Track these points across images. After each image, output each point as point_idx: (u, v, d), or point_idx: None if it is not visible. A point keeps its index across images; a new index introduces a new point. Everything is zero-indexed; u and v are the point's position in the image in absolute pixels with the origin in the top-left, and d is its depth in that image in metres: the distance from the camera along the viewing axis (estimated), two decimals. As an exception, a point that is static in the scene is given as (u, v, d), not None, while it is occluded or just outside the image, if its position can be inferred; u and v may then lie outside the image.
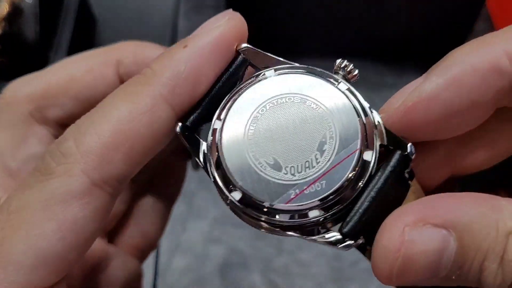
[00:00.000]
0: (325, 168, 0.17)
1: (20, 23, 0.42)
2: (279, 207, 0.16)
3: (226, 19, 0.18)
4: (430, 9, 0.45)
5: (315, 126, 0.17)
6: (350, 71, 0.19)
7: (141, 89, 0.17)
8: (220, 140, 0.17)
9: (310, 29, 0.47)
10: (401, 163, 0.17)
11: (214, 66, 0.17)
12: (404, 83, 0.20)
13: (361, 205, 0.17)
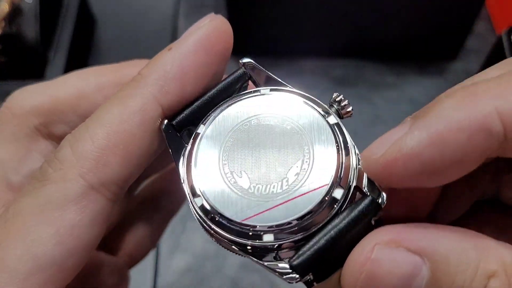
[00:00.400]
0: (291, 195, 0.16)
1: (20, 23, 0.42)
2: (234, 222, 0.16)
3: (208, 21, 0.18)
4: (430, 9, 0.45)
5: (293, 152, 0.17)
6: (344, 107, 0.19)
7: (131, 92, 0.17)
8: (198, 145, 0.17)
9: (310, 29, 0.47)
10: (370, 210, 0.16)
11: (200, 65, 0.17)
12: (404, 83, 0.20)
13: (318, 242, 0.16)
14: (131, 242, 0.25)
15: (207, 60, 0.18)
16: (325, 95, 0.49)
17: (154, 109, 0.17)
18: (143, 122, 0.17)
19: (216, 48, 0.18)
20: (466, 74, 0.49)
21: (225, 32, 0.18)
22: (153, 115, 0.17)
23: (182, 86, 0.17)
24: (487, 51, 0.38)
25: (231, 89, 0.18)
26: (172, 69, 0.17)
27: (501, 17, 0.52)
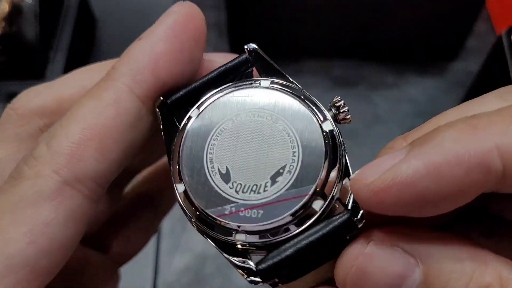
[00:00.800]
0: (269, 199, 0.16)
1: (20, 23, 0.42)
2: (210, 216, 0.16)
3: (176, 8, 0.18)
4: (430, 9, 0.45)
5: (280, 155, 0.16)
6: (342, 113, 0.18)
7: (105, 85, 0.17)
8: (189, 129, 0.17)
9: (310, 29, 0.47)
10: (345, 228, 0.16)
11: (171, 51, 0.17)
12: (404, 82, 0.20)
13: (287, 250, 0.16)
14: (121, 240, 0.24)
15: (178, 46, 0.17)
16: (325, 95, 0.50)
17: (129, 100, 0.17)
18: (118, 114, 0.16)
19: (186, 34, 0.18)
20: (466, 74, 0.49)
21: (195, 17, 0.18)
22: (128, 106, 0.17)
23: (155, 73, 0.17)
24: (487, 51, 0.38)
25: (232, 74, 0.18)
26: (143, 58, 0.17)
27: (501, 17, 0.52)
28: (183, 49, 0.17)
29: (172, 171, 0.17)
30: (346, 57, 0.49)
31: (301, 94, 0.17)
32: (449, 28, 0.47)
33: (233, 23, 0.47)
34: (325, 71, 0.49)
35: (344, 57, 0.49)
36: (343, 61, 0.49)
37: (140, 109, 0.17)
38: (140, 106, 0.17)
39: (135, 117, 0.17)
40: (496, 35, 0.51)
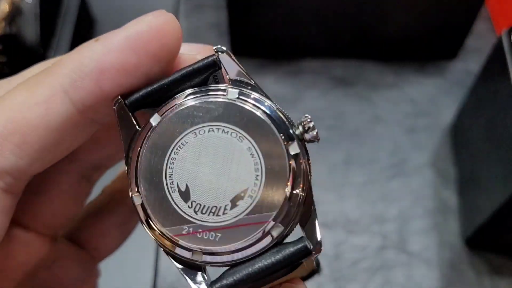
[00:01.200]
0: (228, 223, 0.15)
1: (20, 24, 0.42)
2: (165, 235, 0.16)
3: (148, 17, 0.16)
4: (429, 9, 0.45)
5: (242, 176, 0.15)
6: (309, 132, 0.17)
7: (42, 79, 0.16)
8: (149, 138, 0.16)
9: (309, 28, 0.47)
10: (301, 254, 0.16)
11: (123, 64, 0.16)
12: (404, 82, 0.20)
13: (241, 271, 0.16)
14: (96, 235, 0.24)
15: (132, 61, 0.16)
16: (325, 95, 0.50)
17: (61, 103, 0.16)
18: (47, 114, 0.16)
19: (146, 49, 0.16)
20: (466, 74, 0.49)
21: (166, 33, 0.16)
22: (59, 108, 0.16)
23: (97, 83, 0.16)
24: (487, 51, 0.38)
25: (198, 77, 0.17)
26: (89, 63, 0.16)
27: (501, 17, 0.52)
28: (138, 65, 0.16)
29: (129, 179, 0.16)
30: (346, 57, 0.49)
31: (269, 109, 0.16)
32: (449, 28, 0.47)
33: (233, 23, 0.47)
34: (325, 71, 0.49)
35: (344, 57, 0.49)
36: (343, 61, 0.49)
37: (72, 115, 0.16)
38: (72, 112, 0.16)
39: (65, 121, 0.16)
40: (496, 35, 0.51)
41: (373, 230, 0.40)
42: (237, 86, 0.17)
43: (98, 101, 0.16)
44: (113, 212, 0.24)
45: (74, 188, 0.22)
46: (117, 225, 0.24)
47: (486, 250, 0.39)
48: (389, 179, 0.43)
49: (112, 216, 0.24)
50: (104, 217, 0.24)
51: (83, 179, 0.22)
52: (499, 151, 0.34)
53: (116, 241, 0.25)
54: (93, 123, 0.17)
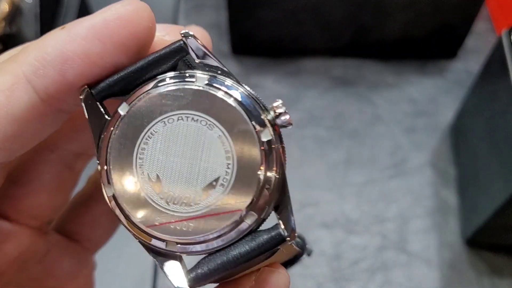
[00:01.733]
0: (201, 213, 0.15)
1: (20, 23, 0.42)
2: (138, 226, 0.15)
3: (117, 6, 0.16)
4: (429, 9, 0.45)
5: (214, 165, 0.15)
6: (282, 117, 0.16)
7: (5, 66, 0.16)
8: (117, 128, 0.15)
9: (309, 28, 0.47)
10: (277, 242, 0.16)
11: (88, 53, 0.15)
12: (404, 82, 0.20)
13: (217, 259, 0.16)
14: (86, 224, 0.24)
15: (97, 50, 0.15)
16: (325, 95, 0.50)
17: (25, 91, 0.15)
18: (9, 103, 0.15)
19: (114, 38, 0.15)
20: (466, 74, 0.49)
21: (134, 22, 0.16)
22: (22, 97, 0.15)
23: (61, 72, 0.15)
24: (487, 51, 0.38)
25: (166, 63, 0.16)
26: (52, 51, 0.15)
27: (501, 17, 0.52)
28: (103, 55, 0.15)
29: (99, 171, 0.16)
30: (346, 56, 0.49)
31: (239, 95, 0.16)
32: (449, 28, 0.47)
33: (233, 23, 0.47)
34: (324, 71, 0.49)
35: (344, 56, 0.49)
36: (342, 61, 0.49)
37: (35, 104, 0.16)
38: (36, 100, 0.16)
39: (29, 110, 0.16)
40: (496, 35, 0.51)
41: (373, 230, 0.40)
42: (206, 71, 0.16)
43: (62, 90, 0.16)
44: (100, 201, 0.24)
45: (58, 177, 0.22)
46: (106, 213, 0.24)
47: (486, 250, 0.39)
48: (389, 179, 0.43)
49: (100, 204, 0.24)
50: (91, 206, 0.24)
51: (66, 168, 0.22)
52: (499, 151, 0.34)
53: (107, 230, 0.25)
54: (60, 112, 0.17)
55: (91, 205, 0.24)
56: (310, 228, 0.40)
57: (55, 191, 0.22)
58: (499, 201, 0.33)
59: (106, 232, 0.25)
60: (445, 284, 0.38)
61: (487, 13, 0.53)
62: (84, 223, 0.24)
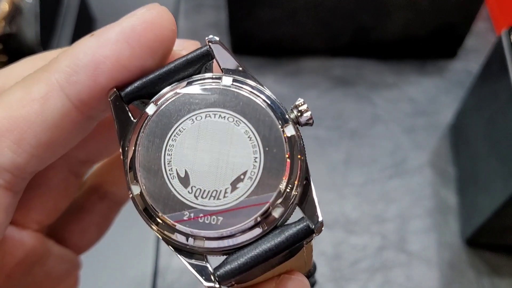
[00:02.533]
0: (229, 206, 0.15)
1: (20, 23, 0.42)
2: (167, 222, 0.16)
3: (142, 11, 0.16)
4: (429, 9, 0.45)
5: (241, 160, 0.16)
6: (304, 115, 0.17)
7: (39, 76, 0.16)
8: (146, 127, 0.16)
9: (309, 28, 0.47)
10: (304, 234, 0.16)
11: (118, 56, 0.16)
12: (404, 82, 0.20)
13: (245, 255, 0.16)
14: (76, 231, 0.24)
15: (127, 54, 0.16)
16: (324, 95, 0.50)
17: (59, 98, 0.16)
18: (44, 111, 0.16)
19: (141, 42, 0.16)
20: (466, 74, 0.49)
21: (159, 25, 0.16)
22: (56, 104, 0.16)
23: (93, 78, 0.16)
24: (487, 51, 0.38)
25: (191, 67, 0.17)
26: (84, 57, 0.16)
27: (501, 16, 0.52)
28: (132, 58, 0.16)
29: (126, 171, 0.16)
30: (346, 56, 0.49)
31: (263, 94, 0.16)
32: (448, 28, 0.47)
33: (233, 23, 0.47)
34: (324, 71, 0.49)
35: (344, 56, 0.49)
36: (342, 61, 0.49)
37: (69, 111, 0.16)
38: (69, 107, 0.16)
39: (62, 118, 0.16)
40: (495, 35, 0.51)
41: (372, 230, 0.40)
42: (230, 74, 0.17)
43: (94, 95, 0.16)
44: (92, 210, 0.24)
45: (63, 183, 0.22)
46: (96, 224, 0.24)
47: (485, 250, 0.39)
48: (389, 179, 0.43)
49: (90, 215, 0.24)
50: (82, 216, 0.24)
51: (71, 174, 0.22)
52: (498, 151, 0.34)
53: (94, 237, 0.25)
54: (90, 119, 0.17)
55: (82, 214, 0.24)
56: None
57: (60, 196, 0.22)
58: (498, 201, 0.33)
59: (94, 239, 0.25)
60: (445, 284, 0.38)
61: (486, 13, 0.53)
62: (73, 231, 0.24)
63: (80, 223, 0.24)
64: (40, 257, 0.22)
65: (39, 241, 0.22)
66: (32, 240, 0.21)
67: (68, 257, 0.24)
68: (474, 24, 0.46)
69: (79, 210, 0.24)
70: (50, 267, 0.23)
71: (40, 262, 0.22)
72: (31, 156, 0.16)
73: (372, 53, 0.49)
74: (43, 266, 0.22)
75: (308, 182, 0.16)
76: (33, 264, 0.22)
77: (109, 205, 0.25)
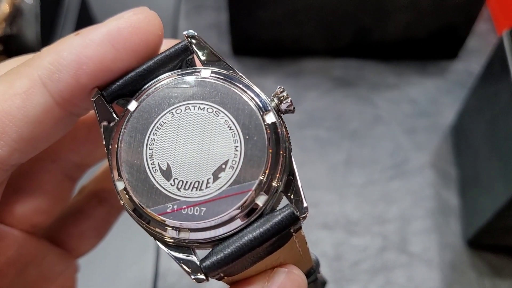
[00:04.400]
0: (212, 196, 0.15)
1: (20, 24, 0.42)
2: (150, 215, 0.16)
3: (129, 14, 0.17)
4: (430, 9, 0.45)
5: (222, 149, 0.16)
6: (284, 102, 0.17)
7: (21, 70, 0.16)
8: (127, 122, 0.16)
9: (310, 29, 0.47)
10: (289, 221, 0.16)
11: (102, 58, 0.16)
12: (405, 83, 0.20)
13: (231, 245, 0.16)
14: (74, 236, 0.24)
15: (111, 56, 0.16)
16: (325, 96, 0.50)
17: (41, 94, 0.16)
18: (26, 106, 0.16)
19: (126, 44, 0.16)
20: (467, 74, 0.49)
21: (145, 30, 0.17)
22: (38, 100, 0.16)
23: (75, 77, 0.16)
24: (488, 52, 0.38)
25: (171, 63, 0.17)
26: (68, 56, 0.16)
27: (502, 17, 0.52)
28: (116, 60, 0.16)
29: (111, 168, 0.16)
30: (346, 57, 0.49)
31: (242, 84, 0.17)
32: (450, 29, 0.47)
33: (233, 24, 0.47)
34: (325, 71, 0.49)
35: (345, 57, 0.49)
36: (343, 62, 0.49)
37: (50, 107, 0.16)
38: (51, 103, 0.16)
39: (44, 113, 0.16)
40: (497, 36, 0.51)
41: (373, 231, 0.40)
42: (209, 67, 0.17)
43: (75, 93, 0.16)
44: (92, 214, 0.24)
45: (57, 186, 0.22)
46: (94, 228, 0.25)
47: (487, 251, 0.39)
48: (390, 179, 0.43)
49: (89, 219, 0.24)
50: (81, 219, 0.24)
51: (66, 177, 0.22)
52: (500, 152, 0.34)
53: (93, 241, 0.25)
54: (71, 116, 0.18)
55: (81, 218, 0.24)
56: (311, 229, 0.40)
57: (54, 199, 0.22)
58: (500, 202, 0.33)
59: (92, 243, 0.25)
60: (446, 285, 0.38)
61: (488, 14, 0.52)
62: (71, 235, 0.24)
63: (79, 226, 0.24)
64: (34, 258, 0.22)
65: (33, 242, 0.22)
66: (25, 241, 0.21)
67: (64, 259, 0.24)
68: (475, 25, 0.46)
69: (78, 213, 0.24)
70: (45, 268, 0.23)
71: (34, 263, 0.22)
72: (13, 149, 0.16)
73: (373, 54, 0.49)
74: (38, 267, 0.22)
75: (291, 168, 0.16)
76: (27, 264, 0.22)
77: (109, 209, 0.25)
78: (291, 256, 0.17)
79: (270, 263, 0.17)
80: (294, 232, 0.16)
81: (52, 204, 0.22)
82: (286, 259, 0.17)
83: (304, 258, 0.19)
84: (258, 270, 0.17)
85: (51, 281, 0.23)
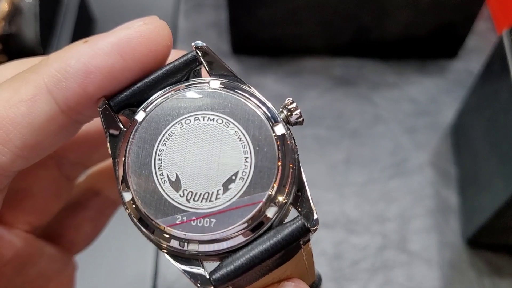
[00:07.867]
0: (222, 207, 0.15)
1: (20, 23, 0.42)
2: (160, 227, 0.15)
3: (138, 24, 0.16)
4: (430, 8, 0.45)
5: (232, 160, 0.15)
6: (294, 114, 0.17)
7: (28, 76, 0.16)
8: (135, 133, 0.16)
9: (310, 28, 0.47)
10: (299, 233, 0.16)
11: (110, 68, 0.16)
12: (405, 82, 0.19)
13: (240, 258, 0.15)
14: (70, 229, 0.24)
15: (119, 66, 0.16)
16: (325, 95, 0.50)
17: (46, 102, 0.16)
18: (31, 113, 0.16)
19: (134, 55, 0.16)
20: (467, 74, 0.49)
21: (155, 41, 0.16)
22: (43, 107, 0.16)
23: (82, 85, 0.16)
24: (488, 51, 0.38)
25: (179, 73, 0.17)
26: (75, 64, 0.16)
27: (502, 16, 0.52)
28: (124, 70, 0.16)
29: (117, 178, 0.16)
30: (346, 56, 0.49)
31: (252, 95, 0.16)
32: (449, 28, 0.47)
33: (233, 23, 0.47)
34: (325, 70, 0.49)
35: (344, 56, 0.49)
36: (343, 61, 0.49)
37: (55, 115, 0.16)
38: (56, 111, 0.16)
39: (48, 120, 0.16)
40: (497, 35, 0.51)
41: (373, 230, 0.40)
42: (218, 78, 0.17)
43: (81, 102, 0.16)
44: (86, 207, 0.24)
45: (55, 185, 0.22)
46: (91, 220, 0.24)
47: (486, 250, 0.39)
48: (390, 178, 0.43)
49: (86, 211, 0.24)
50: (77, 211, 0.24)
51: (63, 177, 0.22)
52: (499, 151, 0.34)
53: (90, 235, 0.25)
54: (76, 123, 0.17)
55: (77, 210, 0.24)
56: (311, 228, 0.40)
57: (51, 198, 0.22)
58: (499, 201, 0.33)
59: (89, 237, 0.25)
60: (446, 284, 0.38)
61: (488, 13, 0.52)
62: (67, 226, 0.24)
63: (74, 217, 0.24)
64: (31, 257, 0.22)
65: (30, 242, 0.22)
66: (22, 241, 0.21)
67: (62, 257, 0.24)
68: (475, 24, 0.46)
69: (74, 205, 0.24)
70: (43, 267, 0.23)
71: (31, 262, 0.22)
72: (16, 156, 0.16)
73: (373, 53, 0.49)
74: (35, 266, 0.22)
75: (301, 180, 0.16)
76: (24, 263, 0.22)
77: (104, 201, 0.25)
78: (297, 269, 0.17)
79: (277, 276, 0.17)
80: (302, 244, 0.16)
81: (49, 203, 0.22)
82: (292, 272, 0.17)
83: (309, 272, 0.18)
84: (266, 283, 0.17)
85: (50, 280, 0.23)
